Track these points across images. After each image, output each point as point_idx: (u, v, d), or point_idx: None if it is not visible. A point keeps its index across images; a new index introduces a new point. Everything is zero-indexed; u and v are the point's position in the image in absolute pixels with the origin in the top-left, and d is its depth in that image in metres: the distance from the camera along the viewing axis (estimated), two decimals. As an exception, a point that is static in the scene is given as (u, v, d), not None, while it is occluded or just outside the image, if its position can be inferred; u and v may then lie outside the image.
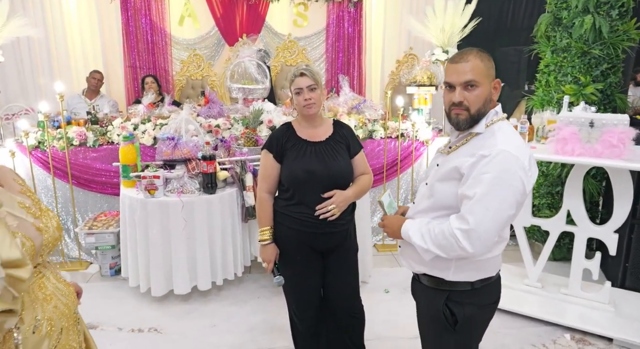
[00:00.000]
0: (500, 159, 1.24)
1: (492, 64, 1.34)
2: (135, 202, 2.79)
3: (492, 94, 1.35)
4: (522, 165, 1.25)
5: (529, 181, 1.28)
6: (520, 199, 1.27)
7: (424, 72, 3.79)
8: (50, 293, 1.09)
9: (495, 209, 1.24)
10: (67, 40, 5.11)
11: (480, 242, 1.25)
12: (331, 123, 2.00)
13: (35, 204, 1.12)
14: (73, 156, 3.38)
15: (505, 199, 1.24)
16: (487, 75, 1.31)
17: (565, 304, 2.73)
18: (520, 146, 1.30)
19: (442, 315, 1.41)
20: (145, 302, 2.88)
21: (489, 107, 1.34)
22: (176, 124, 3.09)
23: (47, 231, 1.08)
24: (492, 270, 1.42)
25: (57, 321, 1.08)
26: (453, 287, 1.39)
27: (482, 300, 1.42)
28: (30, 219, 1.05)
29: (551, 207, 3.35)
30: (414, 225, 1.40)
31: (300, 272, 1.94)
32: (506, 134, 1.32)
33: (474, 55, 1.30)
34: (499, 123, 1.34)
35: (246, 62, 3.91)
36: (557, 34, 3.21)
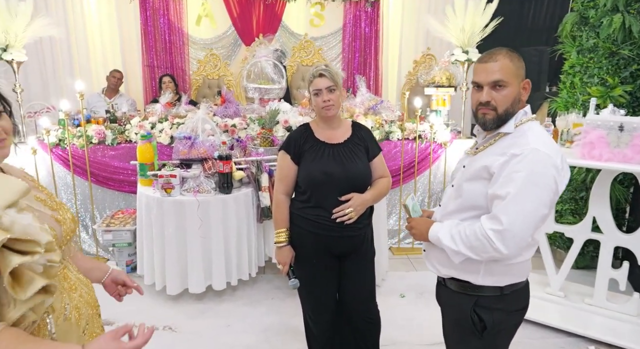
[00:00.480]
0: (533, 158, 1.22)
1: (522, 64, 1.31)
2: (151, 201, 2.80)
3: (521, 95, 1.32)
4: (554, 163, 1.23)
5: (562, 181, 1.26)
6: (554, 198, 1.25)
7: (443, 72, 3.72)
8: (74, 283, 1.10)
9: (530, 209, 1.21)
10: (87, 40, 5.18)
11: (515, 242, 1.22)
12: (350, 125, 1.96)
13: (50, 197, 1.13)
14: (92, 154, 3.41)
15: (539, 198, 1.22)
16: (517, 75, 1.29)
17: (590, 315, 2.63)
18: (552, 145, 1.28)
19: (469, 320, 1.38)
20: (161, 300, 2.88)
21: (517, 107, 1.32)
22: (193, 124, 3.09)
23: (65, 223, 1.09)
24: (522, 275, 1.39)
25: (84, 309, 1.09)
26: (481, 292, 1.36)
27: (511, 306, 1.38)
28: (48, 211, 1.06)
29: (575, 213, 3.24)
30: (443, 227, 1.37)
31: (316, 275, 1.91)
32: (537, 134, 1.29)
33: (503, 55, 1.28)
34: (528, 123, 1.32)
35: (263, 62, 3.90)
36: (583, 34, 3.11)
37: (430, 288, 3.01)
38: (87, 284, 1.17)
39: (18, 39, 3.61)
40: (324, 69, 1.82)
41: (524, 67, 1.32)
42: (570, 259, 2.70)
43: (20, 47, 3.64)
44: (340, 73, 1.88)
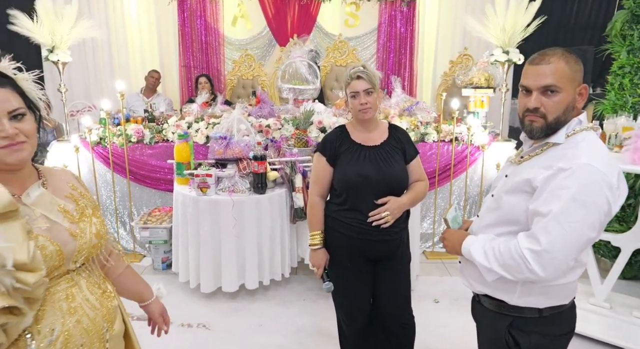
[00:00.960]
0: (583, 174, 1.09)
1: (580, 66, 1.19)
2: (187, 200, 2.85)
3: (576, 101, 1.19)
4: (609, 183, 1.10)
5: (616, 201, 1.12)
6: (605, 220, 1.12)
7: (482, 73, 3.62)
8: (77, 306, 1.03)
9: (574, 230, 1.08)
10: (127, 41, 5.35)
11: (554, 266, 1.10)
12: (386, 127, 1.93)
13: (79, 209, 1.09)
14: (131, 152, 3.51)
15: (586, 219, 1.09)
16: (572, 80, 1.17)
17: (638, 328, 2.50)
18: (608, 161, 1.14)
19: (504, 343, 1.28)
20: (195, 297, 2.93)
21: (570, 115, 1.19)
22: (228, 124, 3.13)
23: (83, 237, 1.05)
24: (565, 298, 1.26)
25: (76, 337, 1.01)
26: (518, 313, 1.26)
27: (552, 330, 1.26)
28: (65, 223, 1.03)
29: (622, 220, 3.09)
30: (477, 241, 1.27)
31: (350, 279, 1.89)
32: (592, 146, 1.16)
33: (557, 57, 1.16)
34: (582, 133, 1.19)
35: (297, 63, 3.91)
36: (634, 33, 2.96)
37: (465, 295, 2.94)
38: (97, 307, 1.08)
39: (63, 41, 3.75)
40: (362, 70, 1.79)
41: (582, 70, 1.19)
42: (617, 269, 2.57)
43: (65, 48, 3.78)
44: (377, 74, 1.85)
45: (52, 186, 1.08)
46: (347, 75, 1.84)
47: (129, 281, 1.33)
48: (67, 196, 1.09)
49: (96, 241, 1.08)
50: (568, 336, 1.31)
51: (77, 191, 1.12)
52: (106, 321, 1.09)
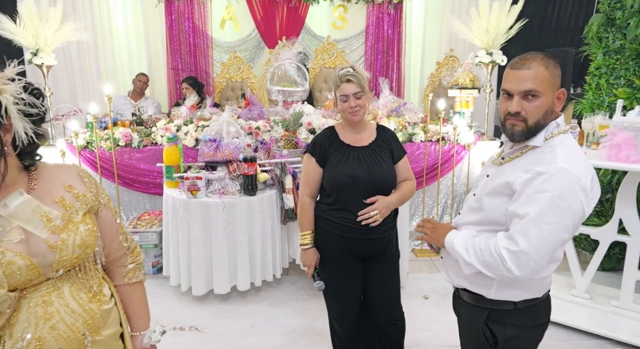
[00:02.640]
0: (560, 178, 1.14)
1: (558, 71, 1.22)
2: (178, 203, 2.86)
3: (554, 105, 1.23)
4: (583, 186, 1.15)
5: (590, 204, 1.18)
6: (578, 223, 1.17)
7: (467, 74, 3.71)
8: (53, 312, 0.99)
9: (549, 232, 1.14)
10: (113, 44, 5.31)
11: (529, 266, 1.16)
12: (374, 128, 1.97)
13: (66, 216, 1.03)
14: (119, 156, 3.51)
15: (561, 222, 1.14)
16: (551, 85, 1.20)
17: (616, 317, 2.60)
18: (584, 165, 1.19)
19: (481, 334, 1.34)
20: (186, 301, 2.95)
21: (549, 118, 1.23)
22: (218, 126, 3.14)
23: (64, 249, 1.00)
24: (539, 291, 1.32)
25: (50, 343, 0.98)
26: (495, 305, 1.31)
27: (527, 322, 1.32)
28: (44, 234, 0.99)
29: (600, 215, 3.20)
30: (460, 236, 1.32)
31: (341, 278, 1.93)
32: (568, 150, 1.20)
33: (538, 62, 1.19)
34: (560, 136, 1.23)
35: (286, 65, 3.95)
36: (609, 35, 3.07)
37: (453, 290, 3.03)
38: (77, 313, 1.04)
39: (48, 44, 3.73)
40: (352, 74, 1.82)
41: (560, 75, 1.22)
42: (596, 261, 2.67)
43: (49, 51, 3.76)
44: (365, 75, 1.88)
45: (41, 190, 1.03)
46: (336, 76, 1.86)
47: (121, 298, 1.22)
48: (57, 200, 1.03)
49: (79, 251, 1.03)
50: (543, 327, 1.36)
51: (72, 193, 1.06)
52: (89, 327, 1.05)
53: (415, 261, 3.53)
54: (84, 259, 1.07)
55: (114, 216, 1.19)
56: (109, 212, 1.17)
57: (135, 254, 1.25)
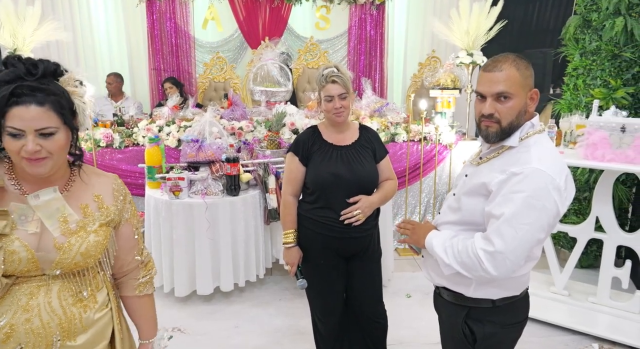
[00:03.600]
0: (534, 178, 1.15)
1: (530, 72, 1.24)
2: (160, 204, 2.83)
3: (527, 106, 1.24)
4: (557, 186, 1.16)
5: (564, 203, 1.19)
6: (553, 222, 1.19)
7: (448, 75, 3.75)
8: (34, 305, 1.02)
9: (525, 232, 1.15)
10: (94, 44, 5.24)
11: (506, 266, 1.17)
12: (357, 127, 1.99)
13: (82, 223, 1.07)
14: (100, 157, 3.46)
15: (536, 222, 1.15)
16: (523, 86, 1.21)
17: (594, 313, 2.67)
18: (557, 164, 1.20)
19: (461, 332, 1.35)
20: (169, 302, 2.92)
21: (523, 119, 1.25)
22: (200, 127, 3.12)
23: (67, 252, 1.04)
24: (517, 289, 1.33)
25: (20, 333, 1.01)
26: (474, 303, 1.33)
27: (505, 319, 1.33)
28: (56, 233, 1.04)
29: (578, 213, 3.27)
30: (439, 236, 1.33)
31: (324, 276, 1.94)
32: (542, 150, 1.22)
33: (509, 64, 1.20)
34: (535, 136, 1.24)
35: (269, 65, 3.95)
36: (586, 37, 3.14)
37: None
38: (56, 315, 1.05)
39: (26, 43, 3.66)
40: (337, 75, 1.83)
41: (533, 76, 1.24)
42: (574, 258, 2.73)
43: (28, 51, 3.69)
44: (349, 75, 1.90)
45: (72, 192, 1.08)
46: (321, 76, 1.86)
47: (130, 308, 1.28)
48: (82, 206, 1.09)
49: (80, 259, 1.06)
50: (521, 324, 1.38)
51: (97, 204, 1.11)
52: (63, 330, 1.05)
53: (399, 260, 3.56)
54: (84, 267, 1.09)
55: (134, 231, 1.24)
56: (130, 228, 1.22)
57: (148, 268, 1.28)
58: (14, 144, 0.97)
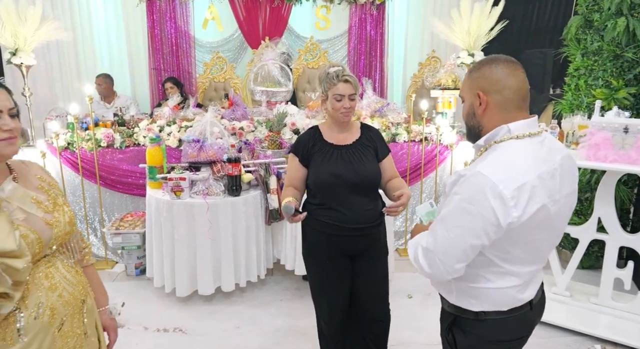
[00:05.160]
0: (472, 182, 1.11)
1: (482, 72, 1.20)
2: (161, 204, 2.83)
3: (474, 108, 1.22)
4: (498, 193, 1.08)
5: (509, 213, 1.09)
6: (490, 229, 1.11)
7: (449, 75, 3.75)
8: (56, 283, 1.14)
9: (456, 235, 1.13)
10: (94, 44, 5.23)
11: (436, 265, 1.17)
12: (359, 126, 1.99)
13: (51, 199, 1.17)
14: (101, 157, 3.45)
15: (468, 226, 1.12)
16: (471, 88, 1.22)
17: (596, 314, 2.66)
18: (512, 172, 1.10)
19: (444, 338, 1.35)
20: (170, 302, 2.92)
21: (475, 120, 1.23)
22: (201, 127, 3.12)
23: (58, 225, 1.14)
24: (498, 304, 1.25)
25: (60, 309, 1.13)
26: (459, 312, 1.30)
27: (489, 335, 1.27)
28: (40, 213, 1.12)
29: (580, 214, 3.27)
30: (421, 235, 1.32)
31: (330, 276, 1.93)
32: (500, 156, 1.14)
33: (467, 71, 1.28)
34: (508, 142, 1.17)
35: (269, 65, 3.94)
36: (588, 37, 3.14)
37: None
38: (73, 283, 1.19)
39: (27, 43, 3.65)
40: (349, 74, 1.84)
41: (485, 75, 1.19)
42: (575, 259, 2.73)
43: (29, 51, 3.68)
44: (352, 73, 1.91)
45: (22, 180, 1.16)
46: (331, 75, 1.83)
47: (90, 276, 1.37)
48: (38, 187, 1.17)
49: (69, 228, 1.18)
50: (508, 345, 1.31)
51: (45, 182, 1.21)
52: (82, 294, 1.21)
53: (400, 261, 3.55)
54: (70, 237, 1.22)
55: None
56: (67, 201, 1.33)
57: (84, 241, 1.41)
58: None
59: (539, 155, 1.17)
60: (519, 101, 1.18)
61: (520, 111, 1.19)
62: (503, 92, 1.17)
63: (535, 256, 1.24)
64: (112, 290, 1.44)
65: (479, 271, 1.22)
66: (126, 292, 3.05)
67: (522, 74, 1.19)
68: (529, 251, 1.20)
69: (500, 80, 1.17)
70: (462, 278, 1.23)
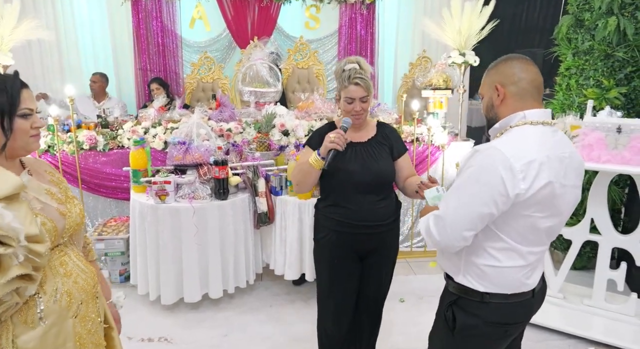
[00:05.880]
0: (485, 155, 1.21)
1: (496, 68, 1.33)
2: (145, 208, 2.74)
3: (493, 100, 1.33)
4: (508, 165, 1.17)
5: (517, 185, 1.17)
6: (499, 199, 1.18)
7: (440, 75, 3.70)
8: (71, 269, 1.19)
9: (465, 203, 1.22)
10: (78, 43, 5.10)
11: (446, 232, 1.23)
12: (375, 124, 1.97)
13: (62, 191, 1.23)
14: (83, 160, 3.35)
15: (478, 195, 1.20)
16: (489, 84, 1.34)
17: (589, 316, 2.63)
18: (523, 149, 1.20)
19: (443, 316, 1.38)
20: (155, 310, 2.83)
21: (493, 112, 1.34)
22: (187, 128, 3.04)
23: (70, 216, 1.19)
24: (504, 286, 1.29)
25: (76, 294, 1.17)
26: (463, 293, 1.34)
27: (490, 316, 1.31)
28: (54, 204, 1.16)
29: (573, 214, 3.22)
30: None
31: (338, 276, 1.91)
32: (514, 136, 1.25)
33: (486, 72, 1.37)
34: (522, 127, 1.26)
35: (258, 65, 3.87)
36: (578, 36, 3.11)
37: (429, 293, 3.01)
38: (85, 271, 1.23)
39: (4, 42, 3.53)
40: (360, 76, 1.79)
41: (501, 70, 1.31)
42: (568, 260, 2.70)
43: (6, 51, 3.56)
44: (370, 70, 1.87)
45: (35, 174, 1.21)
46: (345, 74, 1.80)
47: None
48: (50, 181, 1.24)
49: (79, 220, 1.24)
50: (505, 328, 1.35)
51: (55, 177, 1.27)
52: (94, 281, 1.26)
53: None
54: (80, 228, 1.27)
55: None
56: None
57: (88, 239, 1.45)
58: (25, 123, 1.12)
59: (549, 140, 1.25)
60: (534, 91, 1.27)
61: (535, 101, 1.28)
62: (519, 83, 1.26)
63: (537, 237, 1.27)
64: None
65: (485, 243, 1.27)
66: (110, 299, 2.95)
67: (535, 68, 1.28)
68: (531, 229, 1.25)
69: (515, 74, 1.27)
70: (469, 251, 1.29)
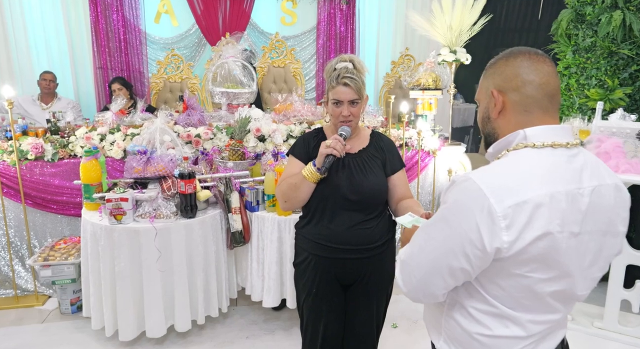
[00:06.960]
0: (460, 189, 0.89)
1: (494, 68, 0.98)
2: (98, 230, 2.34)
3: (489, 110, 0.99)
4: (487, 208, 0.83)
5: (497, 235, 0.83)
6: (471, 252, 0.85)
7: (429, 74, 3.42)
8: None
9: (432, 249, 0.91)
10: (28, 41, 4.61)
11: (410, 281, 0.95)
12: (368, 134, 1.72)
13: None
14: (27, 172, 2.91)
15: (446, 242, 0.89)
16: (486, 88, 1.00)
17: (600, 340, 2.40)
18: (513, 186, 0.84)
19: None
20: (112, 347, 2.44)
21: (489, 126, 1.00)
22: (149, 135, 2.66)
23: None
24: None
25: None
26: None
27: None
28: None
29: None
30: None
31: (317, 308, 1.64)
32: (506, 163, 0.91)
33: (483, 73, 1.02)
34: (523, 150, 0.91)
35: (230, 63, 3.50)
36: (579, 32, 2.88)
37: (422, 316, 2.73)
38: None
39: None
40: (350, 76, 1.54)
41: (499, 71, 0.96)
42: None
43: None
44: (365, 70, 1.61)
45: None
46: (334, 74, 1.58)
47: None
48: None
49: None
50: None
51: None
52: None
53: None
54: None
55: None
56: None
57: None
58: None
59: (560, 171, 0.88)
60: (544, 100, 0.91)
61: (546, 114, 0.93)
62: (522, 89, 0.92)
63: (539, 303, 0.91)
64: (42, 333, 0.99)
65: (466, 302, 0.95)
66: (59, 336, 2.53)
67: (548, 68, 0.92)
68: (528, 293, 0.89)
69: (518, 75, 0.92)
70: (451, 314, 0.99)
